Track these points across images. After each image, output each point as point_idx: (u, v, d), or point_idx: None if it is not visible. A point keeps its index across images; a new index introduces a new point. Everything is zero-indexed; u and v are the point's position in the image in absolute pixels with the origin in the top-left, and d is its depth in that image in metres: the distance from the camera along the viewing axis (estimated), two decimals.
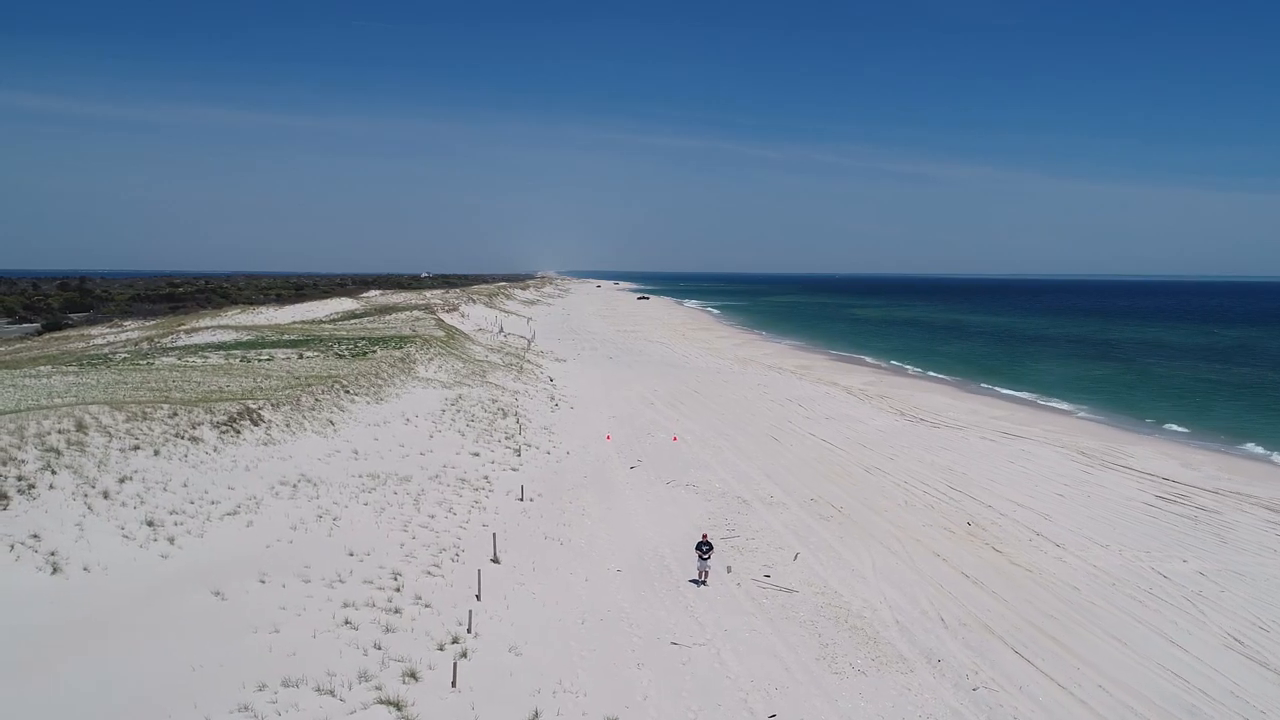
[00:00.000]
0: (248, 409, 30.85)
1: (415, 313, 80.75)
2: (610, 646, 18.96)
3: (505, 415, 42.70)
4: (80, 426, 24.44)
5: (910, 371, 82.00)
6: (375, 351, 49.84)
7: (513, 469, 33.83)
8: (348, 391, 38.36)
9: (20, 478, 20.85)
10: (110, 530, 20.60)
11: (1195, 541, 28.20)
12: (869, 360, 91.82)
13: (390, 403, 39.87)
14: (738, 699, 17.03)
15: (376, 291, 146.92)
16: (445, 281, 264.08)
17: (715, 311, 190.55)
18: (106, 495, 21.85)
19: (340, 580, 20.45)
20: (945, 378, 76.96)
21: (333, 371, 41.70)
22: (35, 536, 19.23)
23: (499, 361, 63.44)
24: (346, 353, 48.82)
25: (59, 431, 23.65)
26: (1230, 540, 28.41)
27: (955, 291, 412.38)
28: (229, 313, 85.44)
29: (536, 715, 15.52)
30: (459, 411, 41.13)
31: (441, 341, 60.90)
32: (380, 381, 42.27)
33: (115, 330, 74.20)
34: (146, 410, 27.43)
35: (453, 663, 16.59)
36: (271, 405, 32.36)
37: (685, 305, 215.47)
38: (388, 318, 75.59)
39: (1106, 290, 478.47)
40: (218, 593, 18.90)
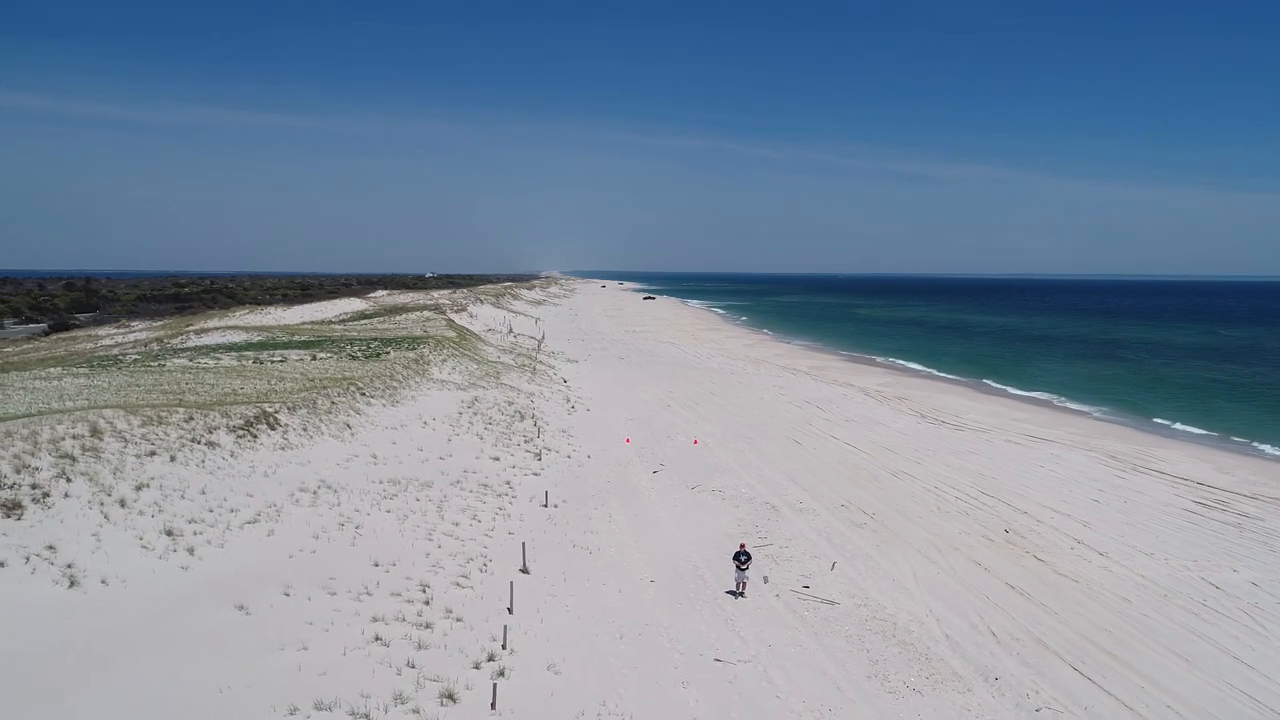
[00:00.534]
0: (264, 412, 30.06)
1: (425, 313, 79.95)
2: (652, 664, 18.12)
3: (522, 418, 41.88)
4: (95, 431, 23.65)
5: (924, 372, 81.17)
6: (388, 353, 49.06)
7: (534, 474, 33.02)
8: (363, 394, 37.57)
9: (35, 486, 20.04)
10: (128, 541, 19.79)
11: (1243, 550, 27.31)
12: (880, 361, 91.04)
13: (406, 405, 39.08)
14: None
15: (383, 292, 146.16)
16: (449, 281, 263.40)
17: (721, 311, 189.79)
18: (123, 504, 21.04)
19: (367, 593, 19.63)
20: (960, 379, 76.17)
21: (347, 373, 40.91)
22: (51, 548, 18.42)
23: (511, 363, 62.62)
24: (360, 354, 48.04)
25: (73, 437, 22.85)
26: None
27: (958, 291, 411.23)
28: (237, 313, 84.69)
29: None
30: (476, 414, 40.33)
31: (454, 342, 60.11)
32: (395, 383, 41.48)
33: (123, 331, 73.52)
34: (161, 414, 26.64)
35: (491, 683, 15.75)
36: (288, 408, 31.57)
37: (690, 305, 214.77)
38: (398, 318, 74.79)
39: (1110, 290, 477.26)
40: (241, 606, 18.07)
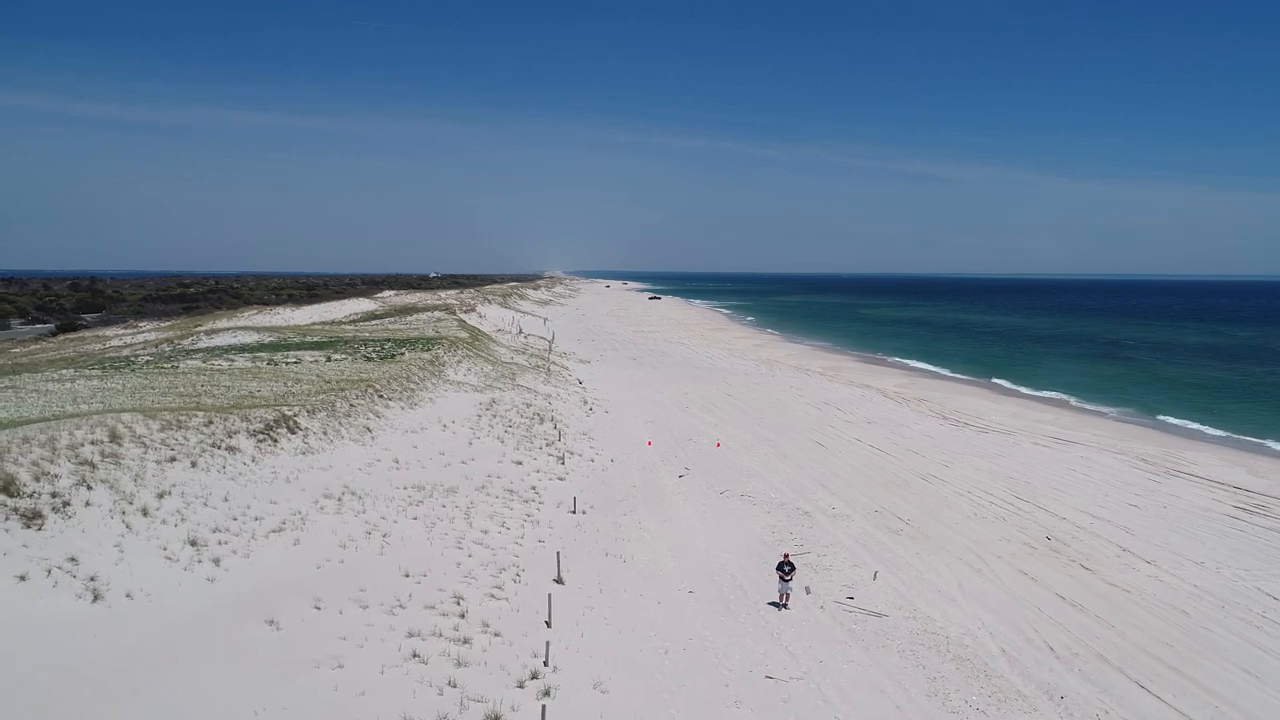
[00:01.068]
0: (283, 416, 29.29)
1: (436, 313, 79.19)
2: (701, 681, 17.32)
3: (542, 420, 41.09)
4: (114, 437, 22.88)
5: (937, 373, 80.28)
6: (403, 354, 48.29)
7: (559, 478, 32.23)
8: (381, 396, 36.79)
9: (54, 494, 19.27)
10: (152, 551, 19.02)
11: None
12: (892, 361, 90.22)
13: (424, 407, 38.31)
14: None
15: (390, 292, 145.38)
16: (454, 282, 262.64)
17: (727, 312, 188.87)
18: (145, 512, 20.27)
19: (400, 605, 18.85)
20: (974, 379, 75.34)
21: (363, 375, 40.14)
22: (73, 560, 17.65)
23: (525, 363, 61.84)
24: (374, 355, 47.27)
25: (92, 443, 22.08)
26: None
27: (961, 291, 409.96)
28: (245, 313, 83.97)
29: None
30: (495, 416, 39.55)
31: (467, 343, 59.33)
32: (412, 385, 40.71)
33: (131, 331, 72.81)
34: (181, 418, 25.87)
35: (539, 704, 14.98)
36: (307, 411, 30.79)
37: (695, 305, 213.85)
38: (409, 318, 74.04)
39: (1113, 289, 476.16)
40: (271, 621, 17.30)
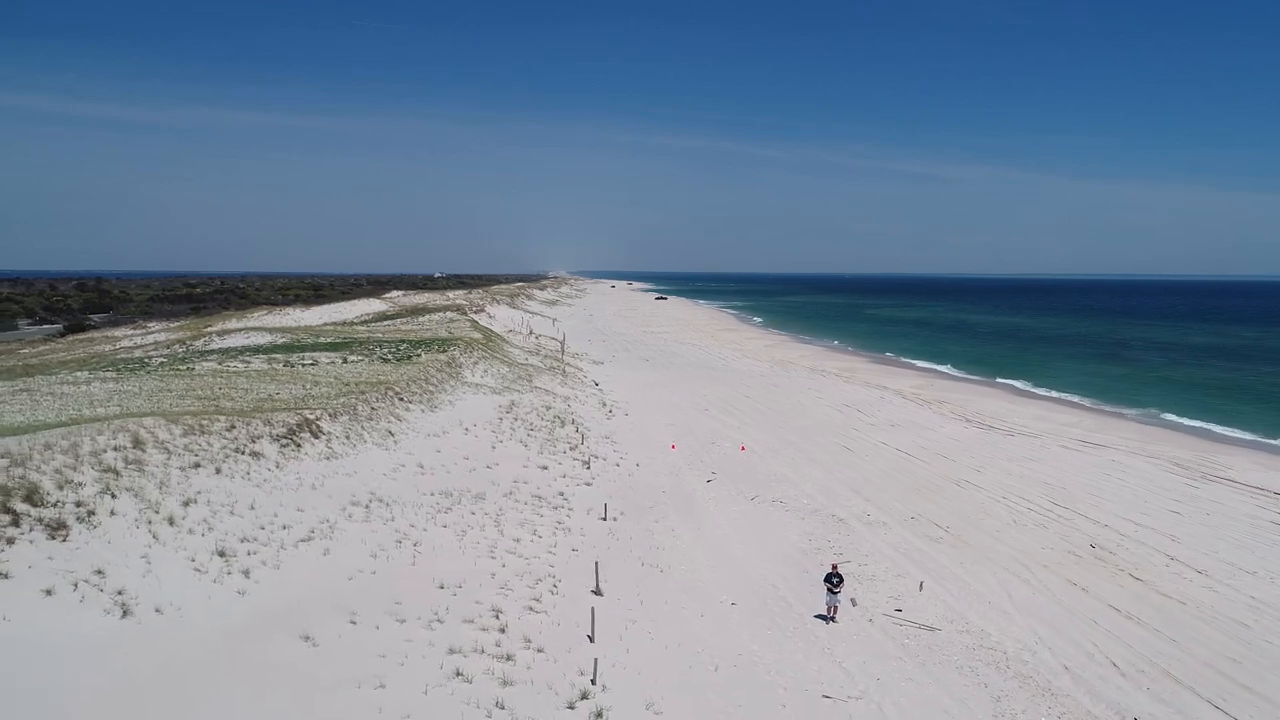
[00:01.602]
0: (306, 420, 28.57)
1: (449, 314, 78.48)
2: (756, 701, 16.56)
3: (563, 423, 40.33)
4: (137, 442, 22.16)
5: (953, 374, 79.43)
6: (419, 355, 47.57)
7: (586, 483, 31.47)
8: (401, 399, 36.07)
9: (79, 503, 18.56)
10: (180, 563, 18.29)
11: None
12: (905, 361, 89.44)
13: (444, 410, 37.59)
14: None
15: (398, 292, 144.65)
16: (459, 282, 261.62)
17: (734, 312, 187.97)
18: (171, 521, 19.55)
19: (438, 619, 18.09)
20: (991, 381, 74.50)
21: (381, 377, 39.42)
22: (100, 573, 16.93)
23: (540, 365, 61.10)
24: (391, 356, 46.56)
25: (115, 449, 21.36)
26: None
27: (964, 291, 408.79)
28: (255, 314, 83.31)
29: None
30: (516, 419, 38.80)
31: (482, 344, 58.61)
32: (431, 387, 39.99)
33: (141, 332, 72.17)
34: (203, 423, 25.15)
35: None
36: (329, 415, 30.07)
37: (701, 306, 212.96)
38: (421, 319, 73.33)
39: (1116, 289, 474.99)
40: (307, 637, 16.56)
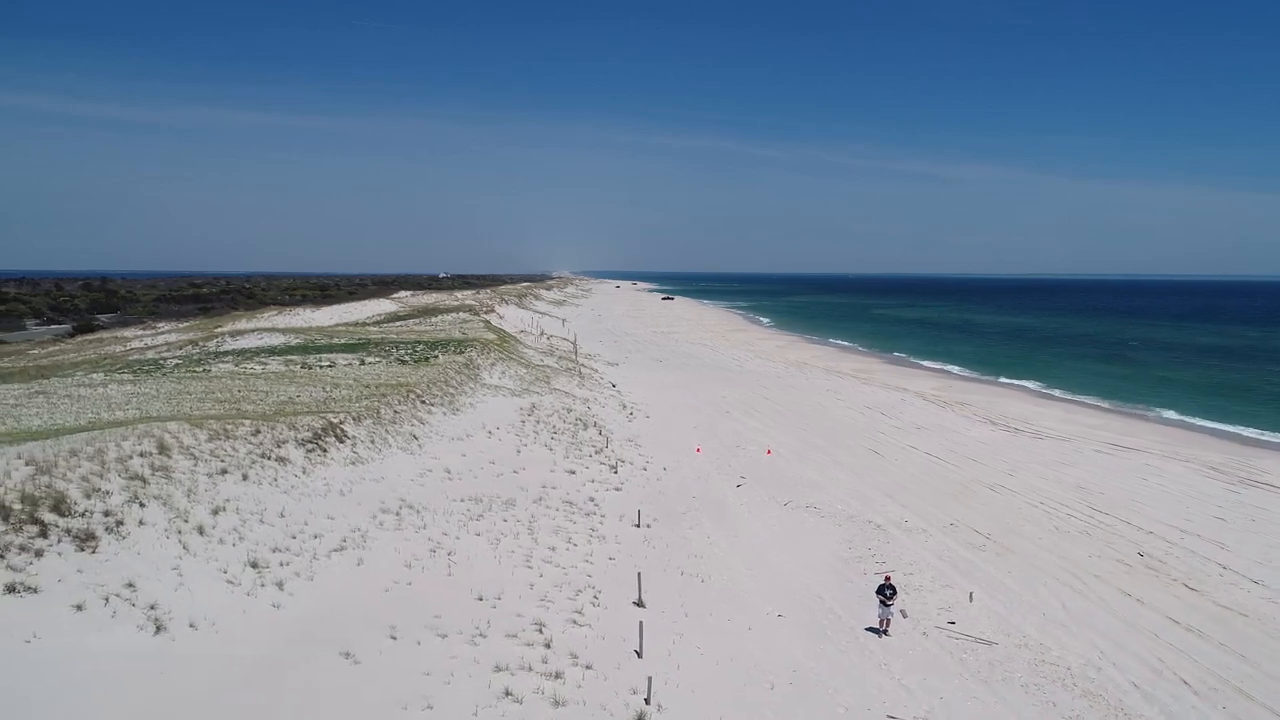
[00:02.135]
0: (330, 423, 27.85)
1: (461, 315, 77.77)
2: None
3: (586, 426, 39.59)
4: (162, 448, 21.45)
5: (969, 375, 78.60)
6: (436, 356, 46.86)
7: (615, 489, 30.72)
8: (423, 401, 35.35)
9: (107, 513, 17.83)
10: (212, 575, 17.56)
11: None
12: (919, 362, 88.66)
13: (466, 413, 36.87)
14: None
15: (406, 293, 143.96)
16: (464, 282, 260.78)
17: (741, 312, 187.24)
18: (201, 531, 18.82)
19: (481, 634, 17.34)
20: (1009, 382, 73.72)
21: (401, 379, 38.70)
22: (131, 586, 16.20)
23: (556, 366, 60.37)
24: (408, 358, 45.85)
25: (141, 455, 20.64)
26: None
27: (967, 291, 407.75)
28: (265, 314, 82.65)
29: None
30: (538, 422, 38.06)
31: (497, 345, 57.91)
32: (451, 390, 39.26)
33: (150, 333, 71.56)
34: (227, 427, 24.43)
35: None
36: (352, 419, 29.36)
37: (707, 306, 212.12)
38: (433, 320, 72.60)
39: (1119, 289, 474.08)
40: (348, 654, 15.82)
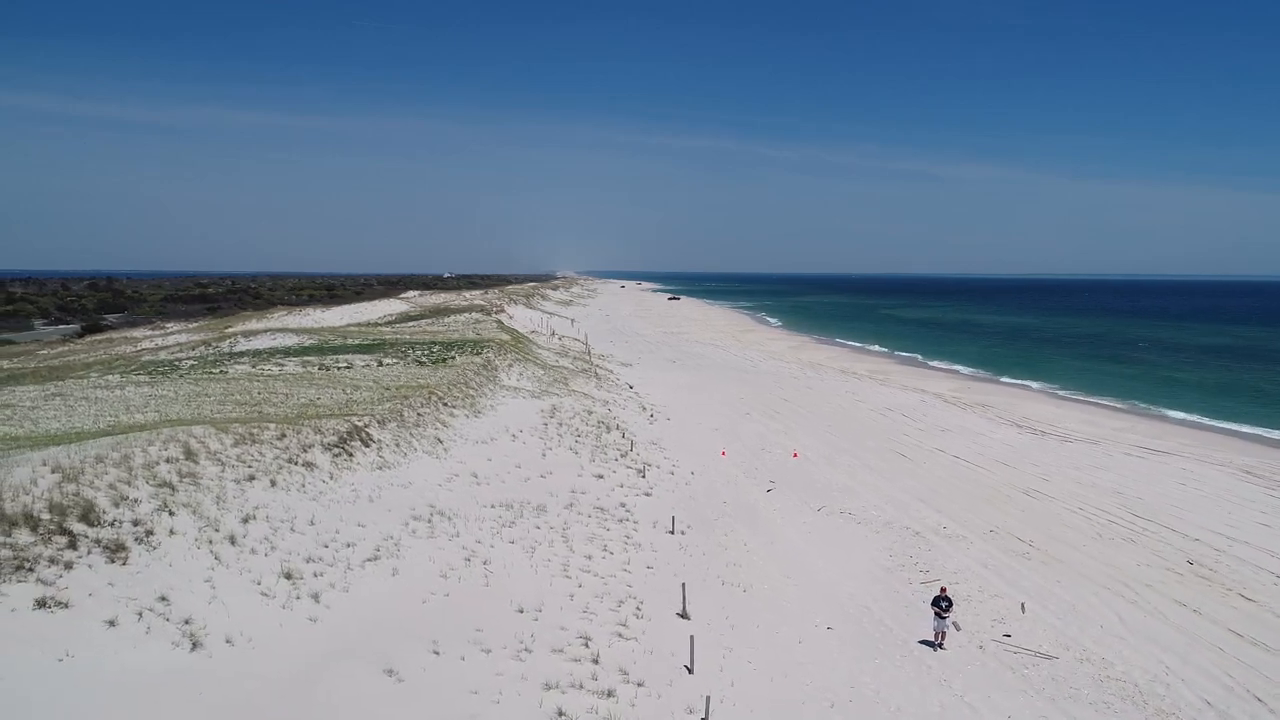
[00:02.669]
0: (355, 427, 27.12)
1: (474, 315, 77.06)
2: None
3: (608, 429, 38.85)
4: (189, 453, 20.74)
5: (986, 376, 77.83)
6: (453, 357, 46.14)
7: (645, 494, 29.97)
8: (445, 404, 34.63)
9: (136, 522, 17.12)
10: (245, 587, 16.83)
11: None
12: (933, 363, 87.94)
13: (488, 416, 36.13)
14: None
15: (415, 293, 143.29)
16: (469, 282, 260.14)
17: (748, 312, 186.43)
18: (233, 540, 18.10)
19: (526, 649, 16.62)
20: (1026, 383, 72.96)
21: (421, 381, 37.99)
22: (164, 599, 15.47)
23: (571, 367, 59.65)
24: (425, 359, 45.15)
25: (168, 461, 19.94)
26: None
27: (969, 291, 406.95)
28: (275, 315, 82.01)
29: None
30: (561, 425, 37.33)
31: (512, 346, 57.21)
32: (472, 391, 38.53)
33: (160, 333, 70.94)
34: (253, 431, 23.71)
35: None
36: (378, 422, 28.62)
37: (713, 306, 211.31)
38: (446, 320, 71.89)
39: (1120, 290, 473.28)
40: (390, 670, 15.09)
